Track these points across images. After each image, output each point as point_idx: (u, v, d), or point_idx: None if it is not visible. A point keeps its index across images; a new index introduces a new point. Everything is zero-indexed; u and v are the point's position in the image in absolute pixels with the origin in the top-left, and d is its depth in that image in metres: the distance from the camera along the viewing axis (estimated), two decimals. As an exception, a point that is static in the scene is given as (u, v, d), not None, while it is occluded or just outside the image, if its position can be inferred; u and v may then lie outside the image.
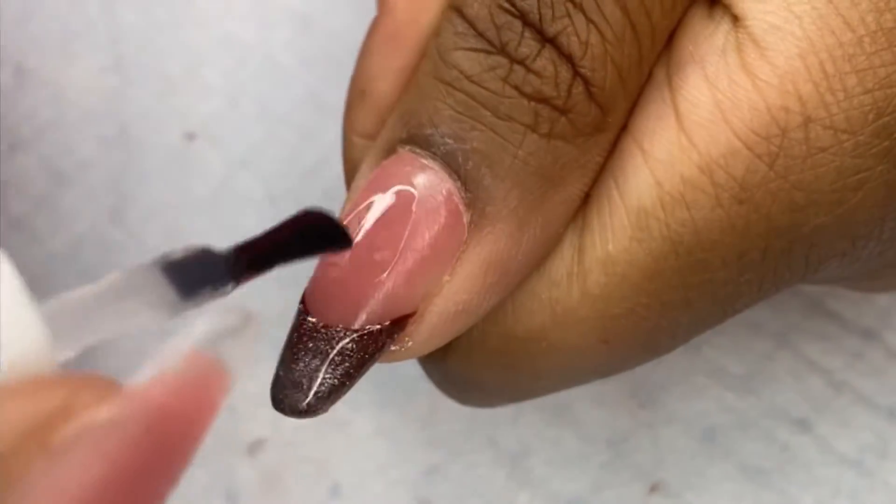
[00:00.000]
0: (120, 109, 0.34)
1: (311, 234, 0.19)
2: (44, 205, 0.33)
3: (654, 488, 0.30)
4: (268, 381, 0.31)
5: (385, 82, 0.23)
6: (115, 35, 0.34)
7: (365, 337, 0.21)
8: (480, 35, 0.21)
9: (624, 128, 0.22)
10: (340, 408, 0.31)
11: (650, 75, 0.21)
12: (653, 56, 0.21)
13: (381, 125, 0.23)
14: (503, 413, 0.30)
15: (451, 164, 0.21)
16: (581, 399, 0.30)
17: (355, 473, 0.30)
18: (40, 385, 0.14)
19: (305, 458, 0.31)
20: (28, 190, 0.33)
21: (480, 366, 0.23)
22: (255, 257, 0.18)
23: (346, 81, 0.24)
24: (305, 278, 0.23)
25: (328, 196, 0.31)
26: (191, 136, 0.33)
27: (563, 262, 0.22)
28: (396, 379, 0.31)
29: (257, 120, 0.33)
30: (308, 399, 0.21)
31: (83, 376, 0.15)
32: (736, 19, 0.21)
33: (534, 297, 0.22)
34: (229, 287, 0.17)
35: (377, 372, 0.31)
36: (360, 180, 0.22)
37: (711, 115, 0.21)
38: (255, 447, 0.31)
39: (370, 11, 0.24)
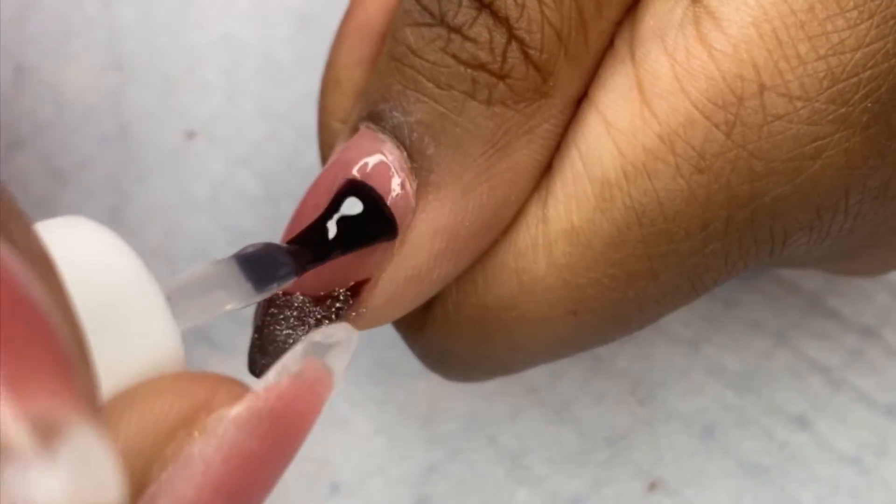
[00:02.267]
0: (120, 108, 0.34)
1: (363, 226, 0.22)
2: (43, 204, 0.33)
3: (653, 486, 0.30)
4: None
5: (359, 71, 0.24)
6: (114, 34, 0.34)
7: (323, 304, 0.22)
8: (424, 9, 0.21)
9: (587, 98, 0.22)
10: (340, 406, 0.31)
11: (613, 48, 0.22)
12: (601, 22, 0.22)
13: None
14: (502, 411, 0.30)
15: (399, 137, 0.22)
16: (580, 397, 0.30)
17: (355, 472, 0.30)
18: (188, 382, 0.17)
19: (305, 456, 0.31)
20: (28, 189, 0.33)
21: (456, 337, 0.24)
22: (314, 253, 0.21)
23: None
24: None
25: (328, 195, 0.31)
26: (190, 135, 0.33)
27: (528, 232, 0.22)
28: (396, 378, 0.31)
29: (257, 118, 0.33)
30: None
31: (220, 377, 0.18)
32: None
33: (503, 267, 0.23)
34: (294, 278, 0.21)
35: (376, 370, 0.31)
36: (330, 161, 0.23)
37: (671, 87, 0.21)
38: (255, 445, 0.31)
39: (369, 10, 0.24)
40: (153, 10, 0.34)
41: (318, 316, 0.22)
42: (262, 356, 0.22)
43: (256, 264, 0.20)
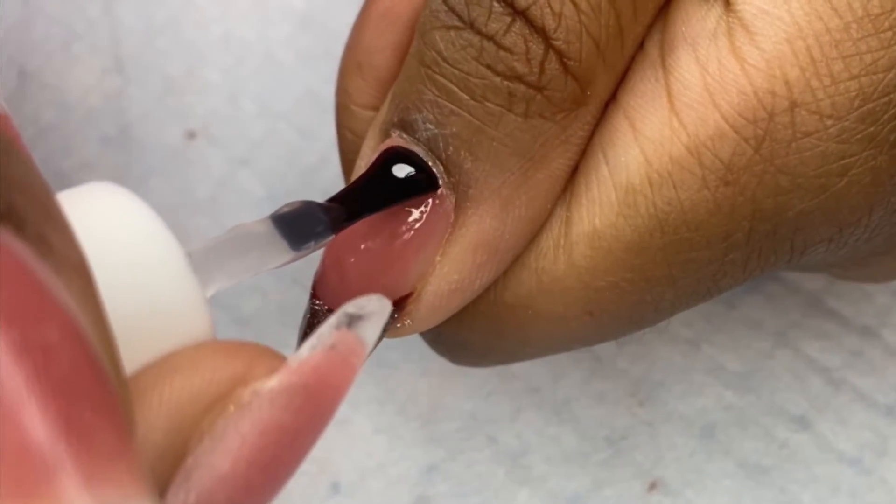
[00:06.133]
0: (121, 110, 0.34)
1: (400, 180, 0.21)
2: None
3: (653, 486, 0.30)
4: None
5: (381, 56, 0.23)
6: (115, 36, 0.34)
7: None
8: (451, 10, 0.21)
9: (615, 101, 0.22)
10: (340, 406, 0.31)
11: (644, 51, 0.22)
12: (636, 28, 0.21)
13: (379, 97, 0.23)
14: (502, 411, 0.30)
15: (434, 150, 0.21)
16: (580, 397, 0.30)
17: (355, 471, 0.30)
18: (226, 353, 0.17)
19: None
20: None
21: (469, 329, 0.23)
22: (351, 209, 0.21)
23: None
24: (303, 277, 0.24)
25: (329, 194, 0.31)
26: (191, 135, 0.33)
27: (550, 233, 0.22)
28: (396, 377, 0.31)
29: (257, 118, 0.33)
30: None
31: (256, 347, 0.18)
32: (727, 3, 0.21)
33: (522, 266, 0.22)
34: (331, 236, 0.20)
35: (377, 370, 0.31)
36: (361, 161, 0.23)
37: (701, 98, 0.21)
38: (255, 445, 0.31)
39: (369, 9, 0.24)
40: (153, 12, 0.34)
41: None
42: None
43: (292, 222, 0.20)
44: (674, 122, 0.21)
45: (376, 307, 0.18)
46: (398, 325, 0.22)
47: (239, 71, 0.34)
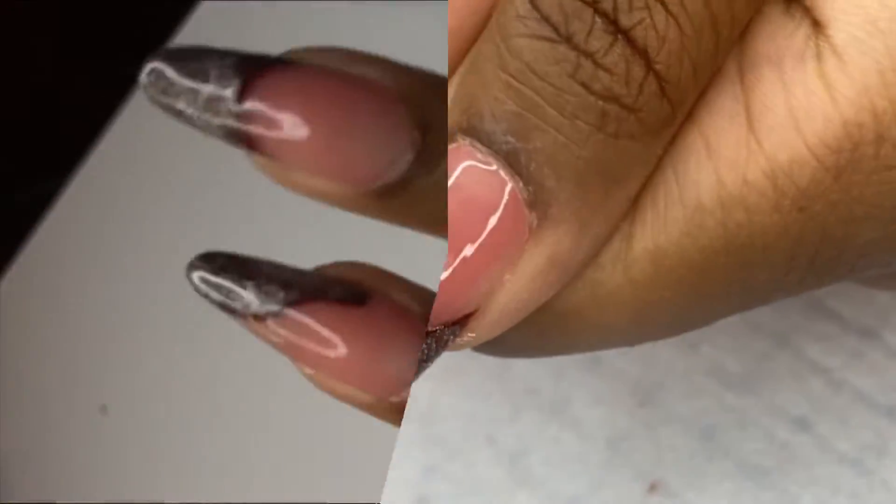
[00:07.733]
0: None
1: None
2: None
3: (653, 487, 0.30)
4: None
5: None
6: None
7: (429, 336, 0.21)
8: (545, 20, 0.20)
9: (688, 117, 0.21)
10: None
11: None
12: (729, 48, 0.20)
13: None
14: (502, 412, 0.30)
15: (513, 165, 0.20)
16: (580, 398, 0.30)
17: (354, 472, 0.30)
18: None
19: (305, 456, 0.31)
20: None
21: (513, 331, 0.22)
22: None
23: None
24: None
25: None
26: (191, 135, 0.33)
27: (611, 246, 0.21)
28: (396, 377, 0.31)
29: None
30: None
31: None
32: (817, 24, 0.20)
33: (577, 276, 0.22)
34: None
35: (376, 370, 0.31)
36: None
37: (784, 122, 0.20)
38: (254, 445, 0.31)
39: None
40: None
41: (425, 349, 0.21)
42: None
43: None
44: (752, 143, 0.20)
45: None
46: (460, 341, 0.21)
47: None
